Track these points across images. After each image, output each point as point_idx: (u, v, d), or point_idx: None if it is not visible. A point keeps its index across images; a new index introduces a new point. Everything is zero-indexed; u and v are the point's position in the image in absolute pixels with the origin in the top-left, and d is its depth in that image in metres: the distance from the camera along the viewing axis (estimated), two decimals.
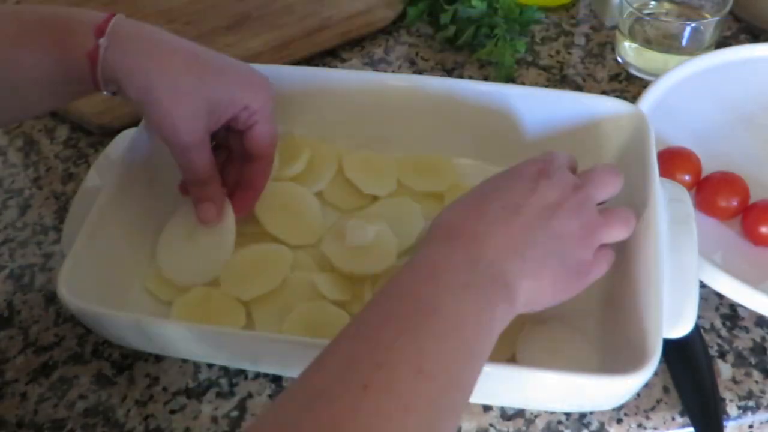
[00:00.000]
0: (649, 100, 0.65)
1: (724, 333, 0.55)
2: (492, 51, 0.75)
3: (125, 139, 0.59)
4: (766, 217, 0.57)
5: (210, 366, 0.54)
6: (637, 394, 0.51)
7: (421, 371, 0.35)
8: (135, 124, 0.59)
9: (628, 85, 0.75)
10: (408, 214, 0.59)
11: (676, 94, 0.67)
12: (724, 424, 0.50)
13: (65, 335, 0.57)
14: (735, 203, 0.59)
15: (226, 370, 0.54)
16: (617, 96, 0.72)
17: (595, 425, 0.50)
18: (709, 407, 0.50)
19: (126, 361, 0.55)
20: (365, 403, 0.34)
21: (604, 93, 0.74)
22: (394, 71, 0.78)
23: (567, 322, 0.52)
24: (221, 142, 0.56)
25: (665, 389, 0.52)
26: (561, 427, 0.50)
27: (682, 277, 0.48)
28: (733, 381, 0.53)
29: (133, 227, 0.56)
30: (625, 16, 0.74)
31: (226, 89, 0.50)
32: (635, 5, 0.73)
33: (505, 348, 0.51)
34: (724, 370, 0.53)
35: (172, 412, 0.52)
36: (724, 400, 0.51)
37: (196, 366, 0.54)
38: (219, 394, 0.52)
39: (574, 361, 0.50)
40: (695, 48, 0.73)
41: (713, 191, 0.60)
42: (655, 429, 0.50)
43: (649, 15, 0.76)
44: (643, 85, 0.73)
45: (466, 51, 0.79)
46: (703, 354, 0.52)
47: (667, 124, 0.64)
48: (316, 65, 0.78)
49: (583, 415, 0.51)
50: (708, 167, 0.61)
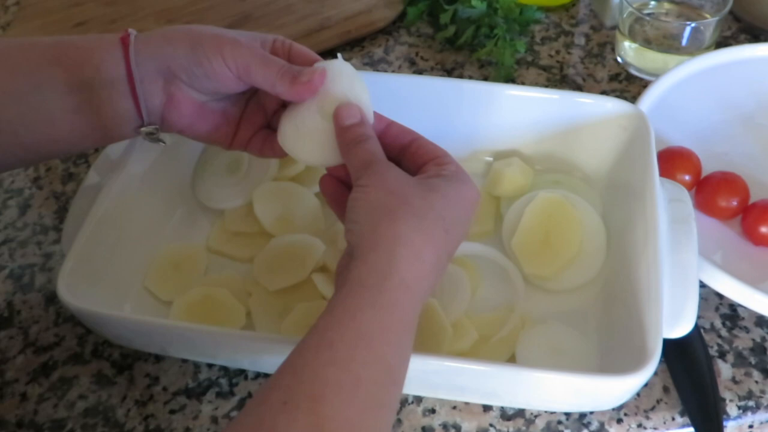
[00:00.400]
0: (649, 100, 0.65)
1: (724, 333, 0.55)
2: (492, 51, 0.75)
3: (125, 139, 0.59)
4: (766, 217, 0.57)
5: (210, 366, 0.54)
6: (637, 394, 0.51)
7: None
8: None
9: (628, 85, 0.75)
10: None
11: (676, 94, 0.67)
12: (724, 424, 0.50)
13: (65, 335, 0.57)
14: (735, 203, 0.59)
15: (226, 370, 0.54)
16: (617, 96, 0.72)
17: (595, 425, 0.50)
18: (709, 407, 0.50)
19: (126, 361, 0.55)
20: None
21: (604, 93, 0.74)
22: (394, 71, 0.78)
23: (567, 322, 0.52)
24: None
25: (665, 389, 0.52)
26: (561, 427, 0.50)
27: (682, 277, 0.48)
28: (733, 381, 0.53)
29: (133, 227, 0.56)
30: (625, 16, 0.74)
31: (182, 59, 0.47)
32: (635, 5, 0.73)
33: (505, 348, 0.51)
34: (724, 370, 0.53)
35: (172, 412, 0.52)
36: (724, 400, 0.51)
37: (196, 366, 0.54)
38: (219, 394, 0.52)
39: (574, 361, 0.50)
40: (695, 48, 0.73)
41: (713, 191, 0.60)
42: (655, 429, 0.50)
43: (649, 15, 0.76)
44: (643, 85, 0.73)
45: (466, 51, 0.79)
46: (703, 354, 0.52)
47: (667, 124, 0.64)
48: None
49: (583, 415, 0.51)
50: (708, 167, 0.61)
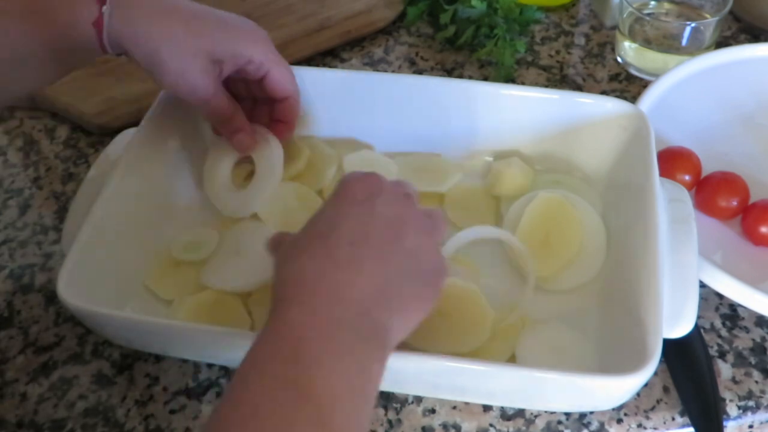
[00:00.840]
0: (649, 100, 0.65)
1: (724, 333, 0.55)
2: (492, 51, 0.75)
3: (125, 139, 0.59)
4: (766, 217, 0.57)
5: (210, 366, 0.54)
6: (637, 394, 0.51)
7: None
8: (135, 124, 0.59)
9: (628, 85, 0.75)
10: None
11: (676, 94, 0.67)
12: (724, 424, 0.50)
13: (65, 335, 0.57)
14: (735, 203, 0.59)
15: (226, 370, 0.54)
16: (617, 96, 0.72)
17: (595, 425, 0.50)
18: (709, 407, 0.50)
19: (126, 361, 0.55)
20: None
21: (604, 93, 0.74)
22: (394, 71, 0.78)
23: (567, 322, 0.52)
24: (244, 93, 0.59)
25: (665, 389, 0.52)
26: (561, 427, 0.50)
27: (682, 277, 0.48)
28: (733, 381, 0.53)
29: (133, 227, 0.56)
30: (625, 16, 0.74)
31: (226, 44, 0.53)
32: (635, 5, 0.73)
33: (505, 348, 0.51)
34: (724, 370, 0.53)
35: (172, 412, 0.52)
36: (724, 400, 0.51)
37: (196, 366, 0.54)
38: (219, 394, 0.52)
39: (574, 361, 0.50)
40: (695, 48, 0.73)
41: (713, 191, 0.60)
42: (655, 429, 0.50)
43: (649, 15, 0.76)
44: (643, 85, 0.73)
45: (466, 51, 0.79)
46: (703, 354, 0.52)
47: (667, 124, 0.64)
48: (316, 65, 0.78)
49: (583, 415, 0.51)
50: (708, 167, 0.61)
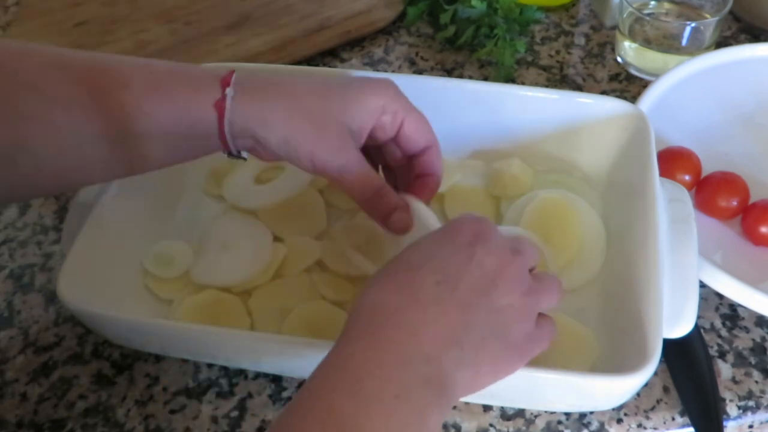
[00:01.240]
0: (649, 100, 0.65)
1: (724, 333, 0.55)
2: (492, 51, 0.75)
3: None
4: (766, 217, 0.57)
5: (210, 366, 0.54)
6: (637, 394, 0.51)
7: None
8: None
9: (628, 85, 0.75)
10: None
11: (676, 94, 0.67)
12: (724, 424, 0.50)
13: (65, 335, 0.57)
14: (735, 203, 0.59)
15: (226, 370, 0.54)
16: (617, 96, 0.72)
17: (595, 425, 0.50)
18: (709, 407, 0.50)
19: (126, 361, 0.55)
20: None
21: (604, 93, 0.74)
22: (394, 71, 0.78)
23: (567, 321, 0.52)
24: (381, 162, 0.54)
25: (665, 389, 0.52)
26: (561, 427, 0.50)
27: (682, 277, 0.48)
28: (733, 381, 0.53)
29: (133, 227, 0.56)
30: (625, 16, 0.74)
31: (356, 104, 0.48)
32: (635, 5, 0.73)
33: None
34: (724, 370, 0.53)
35: (172, 412, 0.52)
36: (724, 400, 0.51)
37: (196, 366, 0.54)
38: (219, 394, 0.52)
39: (574, 361, 0.50)
40: (695, 48, 0.73)
41: (713, 191, 0.60)
42: (655, 429, 0.50)
43: (649, 15, 0.76)
44: (643, 85, 0.73)
45: (466, 51, 0.79)
46: (703, 354, 0.52)
47: (667, 124, 0.64)
48: (316, 65, 0.78)
49: (583, 415, 0.51)
50: (708, 167, 0.61)
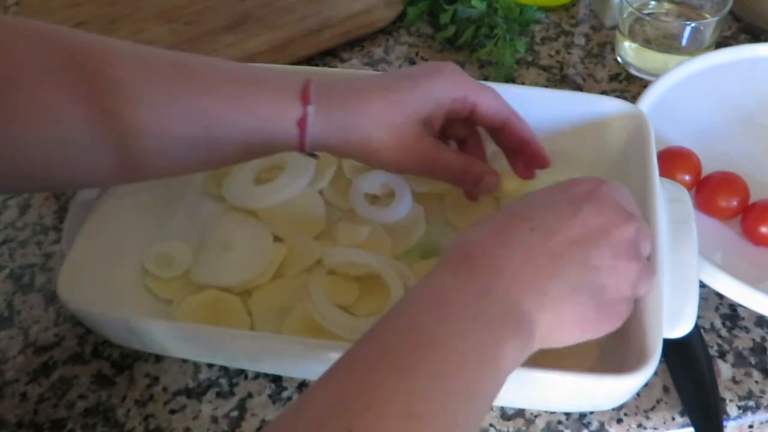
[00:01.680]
0: (649, 100, 0.65)
1: (724, 333, 0.55)
2: (492, 51, 0.75)
3: None
4: (766, 217, 0.57)
5: (210, 366, 0.54)
6: (637, 394, 0.51)
7: (412, 415, 0.32)
8: None
9: (628, 85, 0.75)
10: (408, 215, 0.59)
11: (676, 94, 0.67)
12: (724, 424, 0.50)
13: (65, 335, 0.57)
14: (735, 203, 0.59)
15: (226, 370, 0.54)
16: (617, 96, 0.72)
17: (595, 425, 0.50)
18: (709, 407, 0.50)
19: (126, 361, 0.55)
20: None
21: (604, 93, 0.74)
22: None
23: None
24: (463, 135, 0.56)
25: (665, 389, 0.52)
26: (561, 427, 0.50)
27: (682, 277, 0.48)
28: (733, 381, 0.53)
29: (133, 227, 0.56)
30: (625, 16, 0.74)
31: (424, 96, 0.49)
32: (635, 5, 0.73)
33: None
34: (724, 370, 0.53)
35: (172, 412, 0.52)
36: (724, 400, 0.51)
37: (196, 366, 0.54)
38: (219, 394, 0.52)
39: (573, 361, 0.50)
40: (695, 48, 0.73)
41: (713, 191, 0.60)
42: (655, 429, 0.50)
43: (649, 15, 0.76)
44: (643, 85, 0.73)
45: (466, 51, 0.79)
46: (703, 354, 0.52)
47: (667, 124, 0.64)
48: (316, 65, 0.78)
49: (583, 415, 0.51)
50: (708, 167, 0.61)
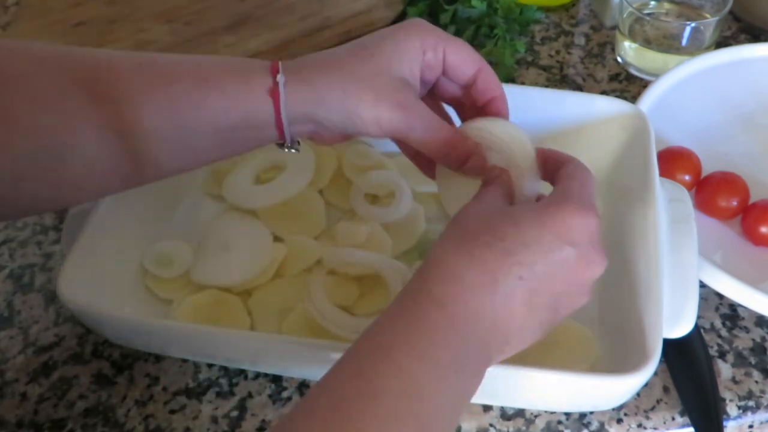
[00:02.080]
0: (649, 100, 0.65)
1: (724, 333, 0.55)
2: (492, 51, 0.75)
3: None
4: (766, 217, 0.57)
5: (210, 366, 0.54)
6: (637, 394, 0.51)
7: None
8: None
9: (628, 85, 0.75)
10: (408, 215, 0.59)
11: (676, 94, 0.67)
12: (724, 424, 0.50)
13: (65, 335, 0.57)
14: (735, 203, 0.59)
15: (226, 370, 0.54)
16: (617, 96, 0.72)
17: (595, 425, 0.50)
18: (709, 407, 0.50)
19: (126, 361, 0.55)
20: None
21: (604, 93, 0.74)
22: None
23: (567, 321, 0.52)
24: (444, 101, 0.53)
25: (665, 389, 0.52)
26: (561, 427, 0.50)
27: (682, 277, 0.48)
28: (733, 381, 0.53)
29: (133, 227, 0.56)
30: (625, 16, 0.74)
31: (398, 53, 0.47)
32: (635, 5, 0.73)
33: None
34: (724, 370, 0.53)
35: (172, 412, 0.52)
36: (724, 400, 0.51)
37: (196, 366, 0.54)
38: (219, 394, 0.52)
39: (573, 360, 0.50)
40: (695, 48, 0.73)
41: (713, 191, 0.60)
42: (655, 429, 0.50)
43: (649, 15, 0.76)
44: (643, 85, 0.73)
45: None
46: (703, 354, 0.52)
47: (667, 124, 0.64)
48: None
49: (583, 415, 0.51)
50: (708, 167, 0.61)
